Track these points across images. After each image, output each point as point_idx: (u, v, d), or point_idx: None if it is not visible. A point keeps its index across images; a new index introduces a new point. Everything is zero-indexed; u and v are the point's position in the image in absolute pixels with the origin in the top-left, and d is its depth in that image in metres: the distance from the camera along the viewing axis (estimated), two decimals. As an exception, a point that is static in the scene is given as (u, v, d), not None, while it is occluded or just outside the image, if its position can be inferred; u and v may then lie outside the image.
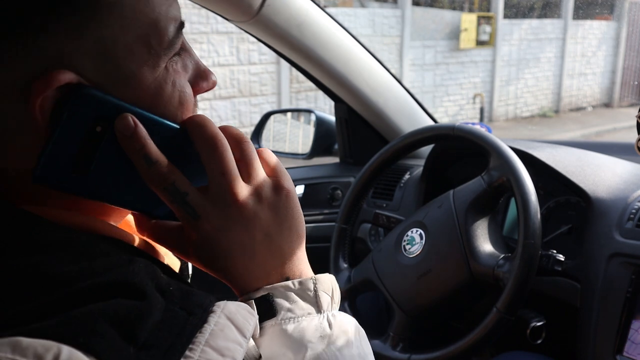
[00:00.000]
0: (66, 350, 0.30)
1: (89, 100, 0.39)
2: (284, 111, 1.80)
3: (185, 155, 0.44)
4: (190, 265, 0.56)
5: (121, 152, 0.41)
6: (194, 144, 0.44)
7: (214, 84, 0.49)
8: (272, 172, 0.48)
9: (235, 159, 0.45)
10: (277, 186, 0.47)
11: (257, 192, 0.45)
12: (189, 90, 0.46)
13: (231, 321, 0.37)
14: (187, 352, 0.34)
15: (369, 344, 0.49)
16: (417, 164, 1.38)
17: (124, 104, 0.41)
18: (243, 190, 0.45)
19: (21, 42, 0.37)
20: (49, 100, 0.38)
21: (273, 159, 0.49)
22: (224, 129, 0.46)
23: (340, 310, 0.49)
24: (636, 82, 9.62)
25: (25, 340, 0.30)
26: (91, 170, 0.41)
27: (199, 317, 0.36)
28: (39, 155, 0.39)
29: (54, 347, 0.30)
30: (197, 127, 0.44)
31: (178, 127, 0.44)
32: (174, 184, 0.42)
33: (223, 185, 0.44)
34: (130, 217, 0.51)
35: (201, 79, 0.48)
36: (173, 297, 0.37)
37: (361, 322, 1.07)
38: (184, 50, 0.46)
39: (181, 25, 0.44)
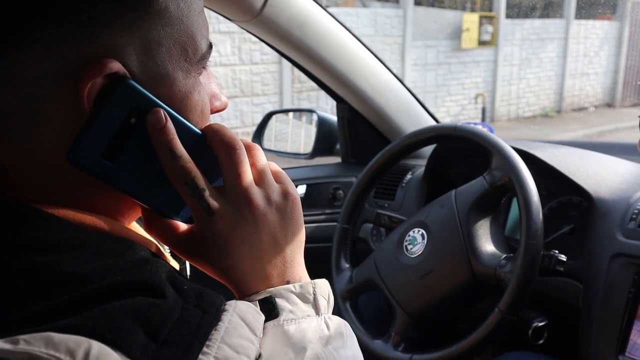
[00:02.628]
0: (96, 345, 0.31)
1: (131, 91, 0.42)
2: (286, 111, 1.80)
3: (202, 159, 0.47)
4: (188, 268, 0.57)
5: (149, 146, 0.44)
6: (213, 148, 0.47)
7: (225, 105, 0.53)
8: (280, 180, 0.51)
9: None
10: (285, 192, 0.50)
11: (267, 195, 0.48)
12: (209, 103, 0.49)
13: (243, 320, 0.39)
14: (205, 349, 0.35)
15: (358, 345, 0.51)
16: (419, 164, 1.38)
17: (159, 101, 0.44)
18: (255, 191, 0.47)
19: (83, 29, 0.40)
20: (97, 86, 0.40)
21: (279, 169, 0.52)
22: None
23: (342, 310, 0.51)
24: (639, 82, 9.60)
25: (56, 336, 0.31)
26: (119, 158, 0.43)
27: (214, 315, 0.38)
28: (76, 136, 0.41)
29: (85, 343, 0.31)
30: (216, 133, 0.47)
31: (199, 132, 0.47)
32: (194, 179, 0.45)
33: (238, 185, 0.46)
34: (134, 223, 0.52)
35: (215, 98, 0.52)
36: (188, 296, 0.38)
37: (362, 322, 1.08)
38: (205, 69, 0.50)
39: (210, 45, 0.48)
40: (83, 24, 0.39)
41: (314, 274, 0.52)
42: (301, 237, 0.51)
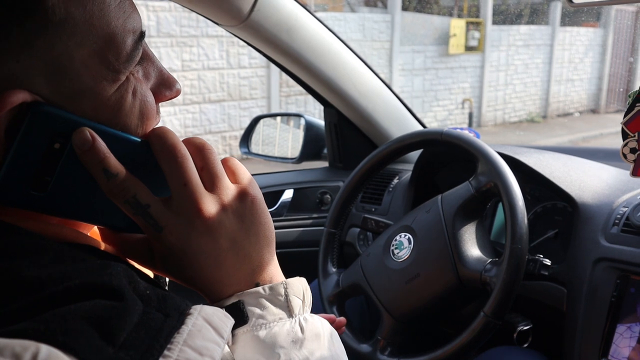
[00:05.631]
0: (45, 348, 0.30)
1: (44, 117, 0.38)
2: (274, 115, 1.80)
3: (149, 168, 0.44)
4: None
5: (81, 167, 0.41)
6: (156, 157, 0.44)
7: (177, 92, 0.48)
8: (238, 180, 0.48)
9: (198, 168, 0.45)
10: (242, 193, 0.47)
11: (221, 201, 0.45)
12: (150, 99, 0.45)
13: (208, 322, 0.38)
14: (166, 352, 0.34)
15: (342, 345, 0.49)
16: (406, 169, 1.38)
17: (80, 119, 0.40)
18: (206, 199, 0.44)
19: None
20: (3, 122, 0.38)
21: (238, 166, 0.49)
22: (187, 140, 0.46)
23: (329, 314, 0.49)
24: (622, 89, 9.74)
25: (2, 341, 0.29)
26: (51, 187, 0.40)
27: (176, 319, 0.37)
28: None
29: (32, 346, 0.29)
30: (157, 139, 0.44)
31: (139, 140, 0.44)
32: (135, 196, 0.42)
33: (185, 196, 0.43)
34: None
35: (164, 87, 0.47)
36: (150, 300, 0.37)
37: (349, 327, 1.08)
38: (146, 58, 0.46)
39: (141, 35, 0.44)
40: None
41: (300, 278, 0.52)
42: (268, 236, 0.48)
